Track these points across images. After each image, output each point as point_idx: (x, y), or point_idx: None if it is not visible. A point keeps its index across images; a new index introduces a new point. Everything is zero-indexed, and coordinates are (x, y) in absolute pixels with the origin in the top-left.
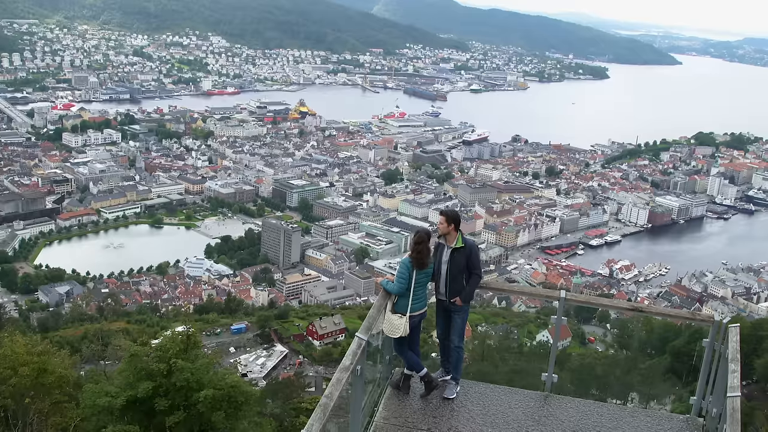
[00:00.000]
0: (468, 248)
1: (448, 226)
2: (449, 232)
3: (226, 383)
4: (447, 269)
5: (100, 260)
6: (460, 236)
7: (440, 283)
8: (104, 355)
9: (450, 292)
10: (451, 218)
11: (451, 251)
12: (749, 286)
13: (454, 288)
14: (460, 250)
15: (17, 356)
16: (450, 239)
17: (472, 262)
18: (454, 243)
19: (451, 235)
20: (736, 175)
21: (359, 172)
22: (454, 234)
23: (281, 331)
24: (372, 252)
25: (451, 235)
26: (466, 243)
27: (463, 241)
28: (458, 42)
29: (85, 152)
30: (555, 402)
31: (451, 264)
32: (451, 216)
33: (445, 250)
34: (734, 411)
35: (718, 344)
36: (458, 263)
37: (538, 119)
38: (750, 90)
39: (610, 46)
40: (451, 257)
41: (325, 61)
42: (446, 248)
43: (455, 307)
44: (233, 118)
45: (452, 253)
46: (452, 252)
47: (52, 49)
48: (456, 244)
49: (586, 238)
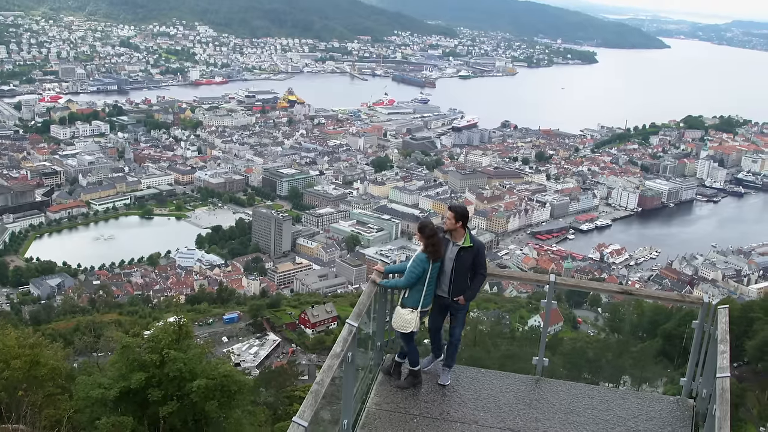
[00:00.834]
0: (476, 248)
1: (456, 222)
2: (456, 229)
3: (219, 373)
4: (452, 268)
5: (91, 252)
6: (468, 234)
7: (443, 281)
8: (97, 346)
9: (453, 290)
10: (460, 215)
11: (458, 250)
12: (739, 269)
13: (458, 287)
14: (468, 249)
15: (9, 349)
16: (457, 236)
17: (479, 261)
18: (461, 241)
19: (458, 232)
20: (725, 158)
21: (349, 160)
22: (462, 231)
23: (273, 320)
24: (363, 239)
25: (458, 231)
26: (475, 242)
27: (472, 241)
28: (446, 28)
29: (73, 144)
30: (546, 385)
31: (456, 263)
32: (460, 212)
33: (451, 246)
34: (724, 391)
35: (708, 326)
36: (465, 262)
37: (527, 105)
38: (738, 73)
39: (599, 30)
40: (457, 256)
41: (312, 49)
42: (452, 245)
43: (457, 305)
44: (222, 108)
45: (459, 252)
46: (459, 250)
47: (38, 41)
48: (464, 242)
49: (577, 222)
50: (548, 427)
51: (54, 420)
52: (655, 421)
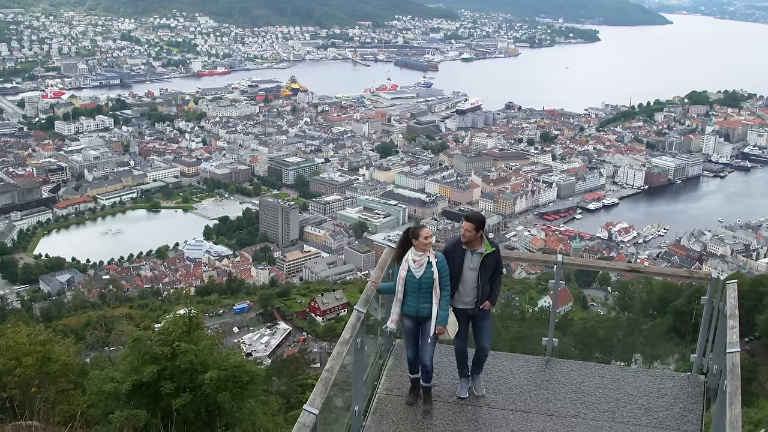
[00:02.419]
0: (497, 251)
1: (476, 233)
2: (476, 239)
3: (230, 363)
4: (478, 277)
5: (100, 247)
6: (486, 239)
7: (464, 292)
8: (108, 341)
9: (480, 299)
10: (479, 224)
11: (481, 257)
12: (748, 243)
13: (483, 294)
14: (491, 255)
15: (20, 346)
16: (476, 244)
17: (499, 262)
18: (483, 248)
19: (476, 241)
20: (731, 132)
21: (354, 146)
22: (480, 238)
23: (283, 308)
24: (370, 226)
25: (477, 240)
26: (494, 245)
27: (492, 244)
28: (447, 11)
29: (78, 140)
30: (556, 366)
31: (481, 271)
32: (479, 222)
33: (471, 256)
34: (734, 367)
35: (717, 301)
36: (489, 269)
37: (530, 85)
38: (742, 46)
39: (600, 8)
40: (482, 264)
41: (314, 36)
42: (472, 254)
43: (482, 313)
44: (225, 98)
45: (483, 260)
46: (483, 258)
47: (39, 37)
48: (486, 249)
49: (584, 202)
50: (559, 407)
51: (68, 415)
52: (667, 398)
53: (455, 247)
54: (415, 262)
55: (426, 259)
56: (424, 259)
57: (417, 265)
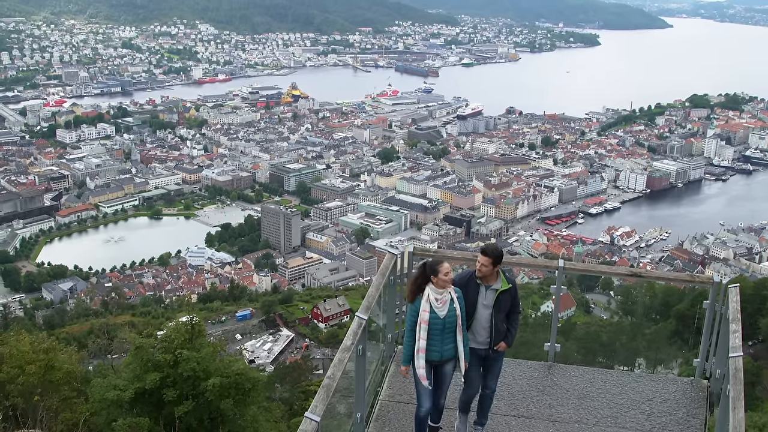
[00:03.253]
0: (514, 287)
1: (494, 268)
2: (492, 274)
3: (233, 371)
4: (491, 315)
5: (102, 255)
6: (503, 275)
7: (477, 331)
8: (111, 348)
9: (494, 339)
10: (497, 259)
11: (496, 294)
12: (751, 246)
13: (498, 334)
14: (507, 291)
15: (23, 354)
16: (491, 279)
17: (516, 300)
18: (498, 284)
19: (492, 276)
20: (732, 135)
21: (355, 152)
22: (496, 273)
23: (286, 315)
24: (372, 232)
25: (493, 275)
26: (511, 281)
27: (508, 280)
28: (447, 17)
29: (79, 148)
30: (559, 371)
31: (495, 309)
32: (496, 256)
33: (485, 292)
34: (737, 371)
35: (719, 305)
36: (504, 306)
37: (531, 90)
38: (742, 49)
39: (600, 12)
40: (496, 301)
41: (314, 43)
42: (486, 290)
43: (496, 354)
44: (226, 105)
45: (498, 297)
46: (498, 295)
47: (40, 45)
48: (502, 285)
49: (586, 206)
50: (562, 413)
51: (71, 423)
52: (670, 402)
53: (468, 282)
54: (437, 301)
55: (448, 296)
56: (446, 296)
57: (440, 303)
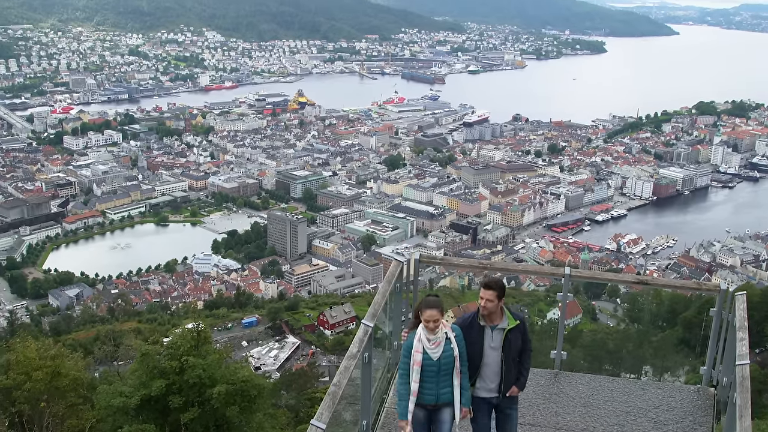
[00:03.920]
0: (522, 324)
1: (499, 302)
2: (496, 310)
3: (239, 378)
4: (501, 357)
5: (108, 261)
6: (508, 311)
7: (489, 377)
8: (117, 355)
9: (505, 384)
10: (501, 292)
11: (504, 333)
12: (757, 254)
13: (510, 378)
14: (515, 329)
15: (30, 361)
16: (496, 317)
17: (526, 337)
18: (505, 322)
19: (497, 313)
20: (739, 142)
21: (361, 159)
22: (501, 311)
23: (292, 322)
24: (378, 239)
25: (497, 312)
26: (519, 317)
27: (515, 316)
28: (453, 24)
29: (86, 154)
30: (565, 379)
31: (504, 350)
32: (501, 288)
33: (491, 333)
34: (744, 379)
35: (726, 313)
36: (515, 346)
37: (537, 97)
38: (748, 56)
39: (606, 19)
40: (505, 341)
41: (321, 50)
42: (492, 330)
43: (508, 400)
44: (233, 113)
45: (506, 335)
46: (506, 334)
47: (47, 53)
48: (509, 323)
49: (592, 213)
50: (568, 421)
51: (77, 430)
52: (676, 410)
53: (471, 324)
54: (430, 342)
55: (443, 336)
56: (440, 336)
57: (433, 345)
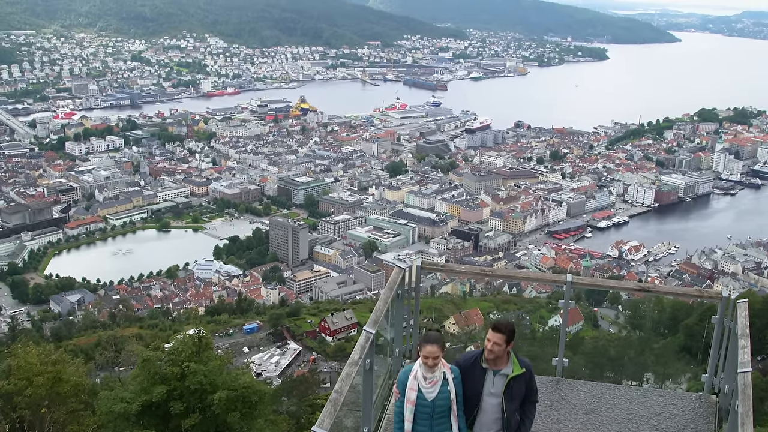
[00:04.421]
0: (528, 372)
1: (507, 346)
2: (503, 355)
3: (240, 384)
4: (501, 405)
5: (110, 267)
6: (515, 357)
7: (486, 424)
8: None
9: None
10: (510, 335)
11: (507, 380)
12: (759, 261)
13: (510, 428)
14: (520, 377)
15: (31, 366)
16: (501, 362)
17: (531, 386)
18: (509, 368)
19: (503, 357)
20: (741, 150)
21: (363, 165)
22: (507, 355)
23: (293, 328)
24: (380, 245)
25: (503, 357)
26: (525, 365)
27: (521, 364)
28: (456, 30)
29: (88, 160)
30: (567, 386)
31: (506, 398)
32: (510, 331)
33: (493, 378)
34: (746, 387)
35: (728, 320)
36: (517, 395)
37: (539, 104)
38: (750, 63)
39: (608, 26)
40: (507, 389)
41: (323, 56)
42: (495, 375)
43: None
44: (235, 119)
45: (509, 383)
46: (509, 381)
47: (50, 58)
48: (514, 370)
49: (594, 220)
50: (569, 429)
51: None
52: (678, 418)
53: (473, 365)
54: (426, 380)
55: (440, 376)
56: (437, 375)
57: (429, 384)
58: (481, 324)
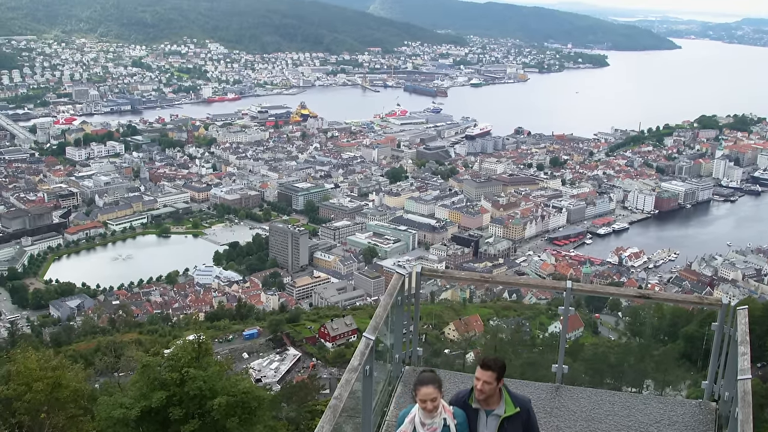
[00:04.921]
0: (525, 411)
1: (497, 384)
2: (494, 393)
3: (239, 389)
4: None
5: (110, 272)
6: (508, 394)
7: None
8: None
9: None
10: (501, 372)
11: (500, 422)
12: (759, 268)
13: None
14: (515, 417)
15: (31, 372)
16: (493, 402)
17: (530, 428)
18: (502, 408)
19: (494, 396)
20: (740, 156)
21: (363, 171)
22: (499, 393)
23: (293, 334)
24: (380, 251)
25: (495, 395)
26: (519, 404)
27: (515, 402)
28: (456, 37)
29: (89, 165)
30: (567, 393)
31: None
32: (501, 369)
33: (485, 419)
34: (746, 394)
35: (728, 327)
36: None
37: (539, 110)
38: (750, 70)
39: (608, 33)
40: (500, 430)
41: (323, 62)
42: (487, 416)
43: None
44: (235, 124)
45: (502, 424)
46: (502, 422)
47: (51, 64)
48: (507, 410)
49: (594, 227)
50: None
51: None
52: (678, 425)
53: (463, 406)
54: (425, 427)
55: (441, 423)
56: (437, 422)
57: (428, 430)
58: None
